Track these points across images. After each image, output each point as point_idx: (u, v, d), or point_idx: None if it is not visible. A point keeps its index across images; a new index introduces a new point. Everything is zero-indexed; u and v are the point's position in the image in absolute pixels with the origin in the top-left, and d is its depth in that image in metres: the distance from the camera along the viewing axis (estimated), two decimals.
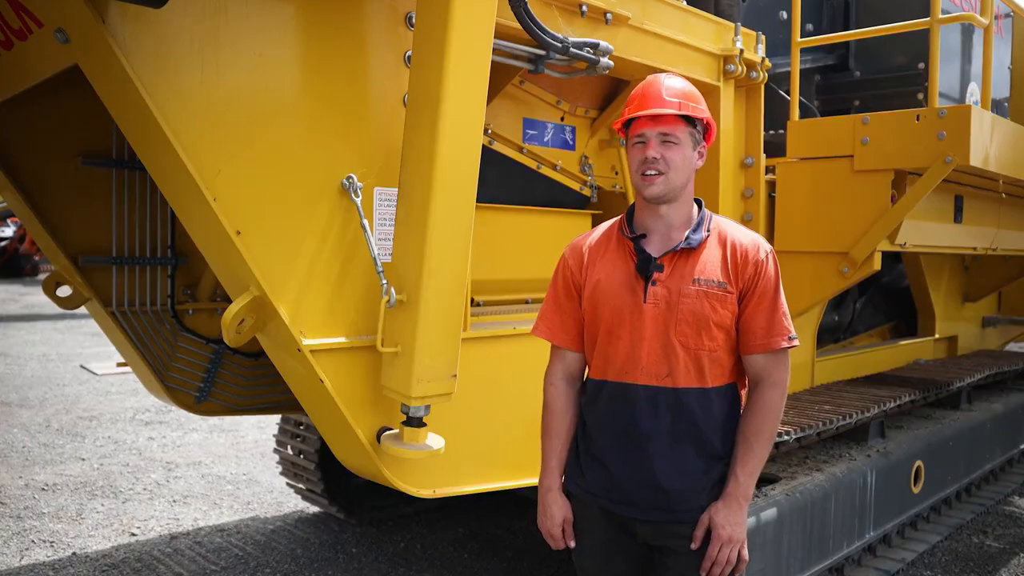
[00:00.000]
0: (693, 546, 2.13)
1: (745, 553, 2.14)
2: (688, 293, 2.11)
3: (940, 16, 4.11)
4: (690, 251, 2.14)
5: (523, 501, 5.05)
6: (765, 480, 3.75)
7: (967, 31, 5.11)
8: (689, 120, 2.13)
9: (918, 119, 3.99)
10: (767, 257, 2.15)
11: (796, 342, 2.16)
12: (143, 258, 3.61)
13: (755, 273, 2.13)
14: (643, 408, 2.14)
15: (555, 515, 2.29)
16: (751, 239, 2.18)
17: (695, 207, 2.23)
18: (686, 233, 2.16)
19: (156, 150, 2.25)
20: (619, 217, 2.29)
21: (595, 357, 2.24)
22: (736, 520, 2.11)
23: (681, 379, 2.12)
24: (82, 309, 3.67)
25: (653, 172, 2.10)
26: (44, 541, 4.61)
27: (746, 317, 2.14)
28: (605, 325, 2.19)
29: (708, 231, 2.18)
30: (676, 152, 2.11)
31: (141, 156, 2.41)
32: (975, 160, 3.94)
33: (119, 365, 4.04)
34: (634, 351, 2.15)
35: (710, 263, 2.13)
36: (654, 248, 2.17)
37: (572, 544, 2.30)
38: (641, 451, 2.15)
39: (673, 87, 2.14)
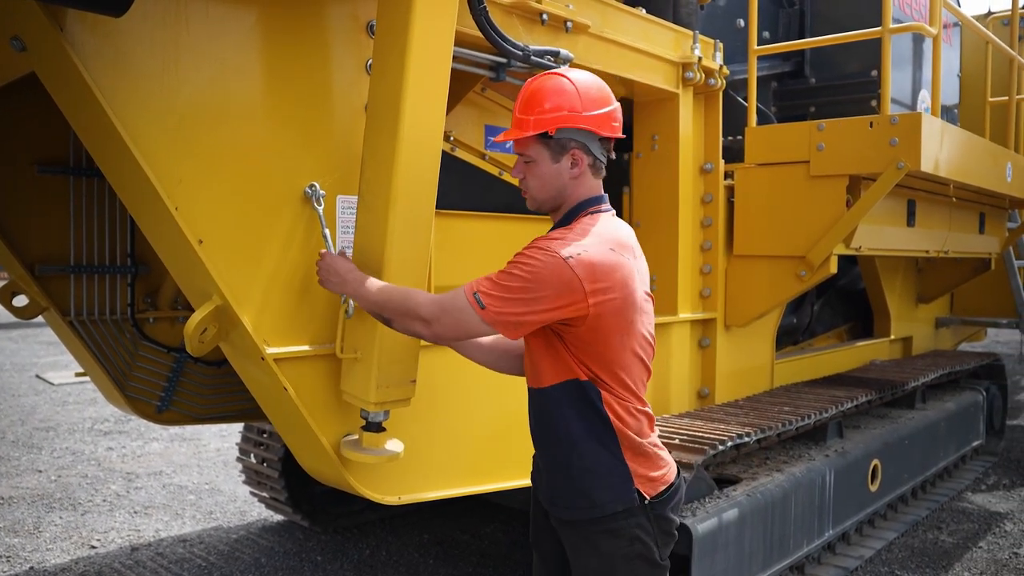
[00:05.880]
0: None
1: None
2: None
3: (891, 26, 4.22)
4: None
5: (489, 506, 5.07)
6: (726, 481, 3.81)
7: (918, 40, 5.23)
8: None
9: (871, 126, 4.08)
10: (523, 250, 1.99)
11: (466, 295, 1.97)
12: (102, 266, 3.56)
13: None
14: None
15: None
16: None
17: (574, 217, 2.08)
18: None
19: (116, 159, 2.23)
20: None
21: None
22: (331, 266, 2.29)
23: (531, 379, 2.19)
24: (38, 318, 3.61)
25: (524, 190, 2.14)
26: (0, 556, 4.52)
27: None
28: None
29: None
30: (531, 170, 2.10)
31: (101, 165, 2.38)
32: (926, 166, 4.04)
33: (78, 375, 3.98)
34: None
35: None
36: None
37: None
38: None
39: (521, 100, 2.08)
